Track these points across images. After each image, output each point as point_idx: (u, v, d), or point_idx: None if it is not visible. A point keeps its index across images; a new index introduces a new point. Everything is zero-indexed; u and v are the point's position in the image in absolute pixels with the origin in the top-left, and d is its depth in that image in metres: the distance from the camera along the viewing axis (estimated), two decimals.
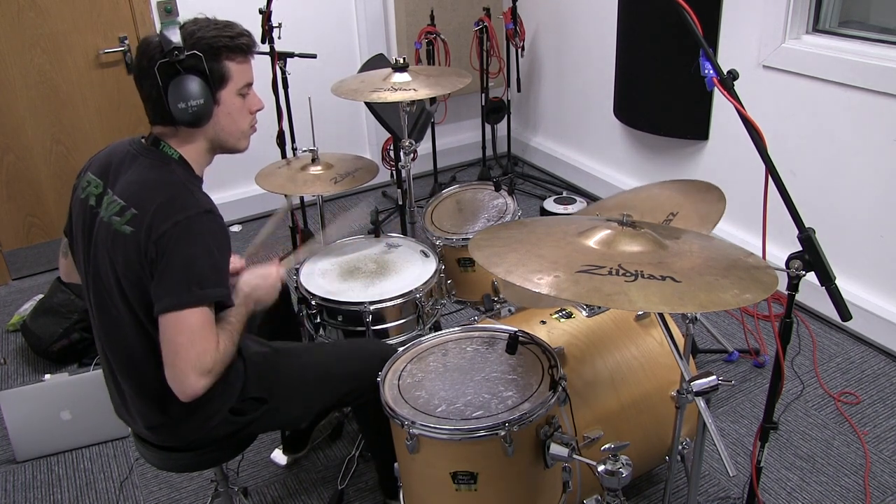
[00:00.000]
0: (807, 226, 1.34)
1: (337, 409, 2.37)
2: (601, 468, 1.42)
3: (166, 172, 1.52)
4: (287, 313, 2.16)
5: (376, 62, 3.29)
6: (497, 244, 1.44)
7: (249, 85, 1.60)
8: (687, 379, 1.42)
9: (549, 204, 3.90)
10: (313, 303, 2.08)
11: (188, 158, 1.57)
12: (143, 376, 1.57)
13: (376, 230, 2.39)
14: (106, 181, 1.56)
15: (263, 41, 2.93)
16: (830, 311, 1.77)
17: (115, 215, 1.49)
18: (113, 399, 1.72)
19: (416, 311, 2.10)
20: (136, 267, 1.46)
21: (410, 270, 2.19)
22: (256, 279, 1.71)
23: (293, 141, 3.23)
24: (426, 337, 1.82)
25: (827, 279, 1.34)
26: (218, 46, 1.50)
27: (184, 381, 1.42)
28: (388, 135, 3.80)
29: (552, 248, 1.39)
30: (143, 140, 1.59)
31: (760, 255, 1.46)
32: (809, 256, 1.34)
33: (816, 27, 2.85)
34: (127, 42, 3.48)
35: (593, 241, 1.39)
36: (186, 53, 1.45)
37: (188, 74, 1.47)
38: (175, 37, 1.46)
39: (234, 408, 1.65)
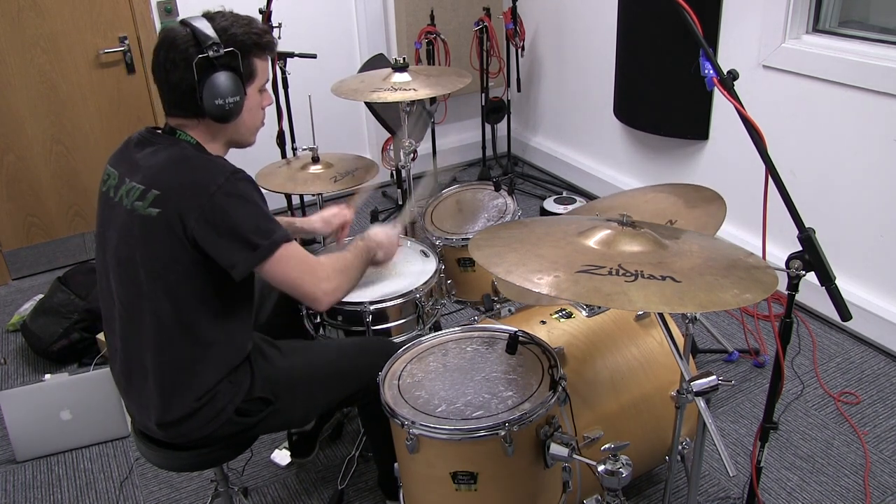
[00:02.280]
0: (807, 226, 1.34)
1: (342, 408, 2.37)
2: (601, 468, 1.42)
3: (178, 150, 1.53)
4: (294, 309, 2.16)
5: (376, 62, 3.29)
6: (497, 244, 1.44)
7: (267, 81, 1.63)
8: (687, 379, 1.42)
9: (549, 204, 3.90)
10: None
11: (206, 148, 1.58)
12: (167, 366, 1.57)
13: None
14: (120, 170, 1.57)
15: None
16: (830, 311, 1.77)
17: (136, 201, 1.49)
18: (123, 393, 1.71)
19: (416, 311, 2.10)
20: (169, 249, 1.47)
21: (410, 270, 2.19)
22: (382, 235, 1.87)
23: (293, 140, 3.23)
24: (426, 337, 1.82)
25: (827, 279, 1.34)
26: (249, 44, 1.53)
27: (317, 297, 1.57)
28: (388, 134, 3.80)
29: (552, 248, 1.39)
30: (156, 129, 1.61)
31: (760, 254, 1.47)
32: (809, 256, 1.34)
33: (816, 27, 2.85)
34: (127, 42, 3.49)
35: (593, 241, 1.39)
36: (224, 50, 1.47)
37: (225, 71, 1.49)
38: (209, 30, 1.47)
39: (239, 408, 1.64)
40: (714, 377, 1.41)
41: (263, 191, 2.40)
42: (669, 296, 1.20)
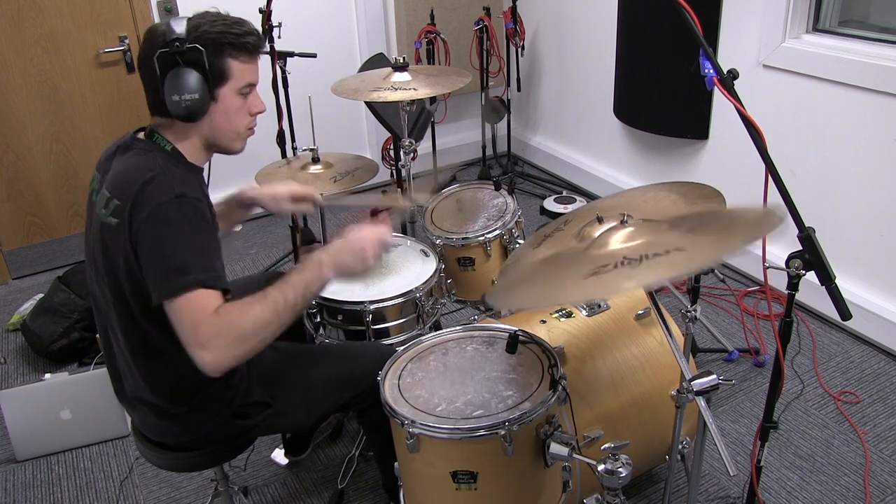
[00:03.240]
0: (807, 225, 1.34)
1: (339, 412, 2.37)
2: (601, 467, 1.42)
3: (147, 158, 1.49)
4: None
5: (376, 61, 3.28)
6: (513, 288, 1.48)
7: (252, 85, 1.57)
8: (687, 378, 1.42)
9: (549, 203, 3.90)
10: (313, 302, 2.07)
11: (183, 152, 1.55)
12: (131, 369, 1.58)
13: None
14: (101, 175, 1.56)
15: (263, 40, 2.93)
16: (830, 311, 1.76)
17: (103, 208, 1.48)
18: (116, 389, 1.71)
19: (416, 310, 2.10)
20: (125, 258, 1.44)
21: (410, 270, 2.19)
22: (343, 242, 1.55)
23: (293, 140, 3.23)
24: (426, 336, 1.81)
25: (827, 278, 1.34)
26: (222, 43, 1.48)
27: (194, 358, 1.39)
28: (389, 134, 3.80)
29: (559, 268, 1.39)
30: (139, 132, 1.58)
31: (760, 254, 1.47)
32: (809, 256, 1.34)
33: (816, 27, 2.85)
34: (127, 41, 3.48)
35: (600, 247, 1.39)
36: (187, 46, 1.44)
37: (186, 67, 1.45)
38: (180, 28, 1.45)
39: (237, 411, 1.65)
40: (714, 376, 1.41)
41: None
42: (675, 262, 1.20)
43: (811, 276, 1.36)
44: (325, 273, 1.51)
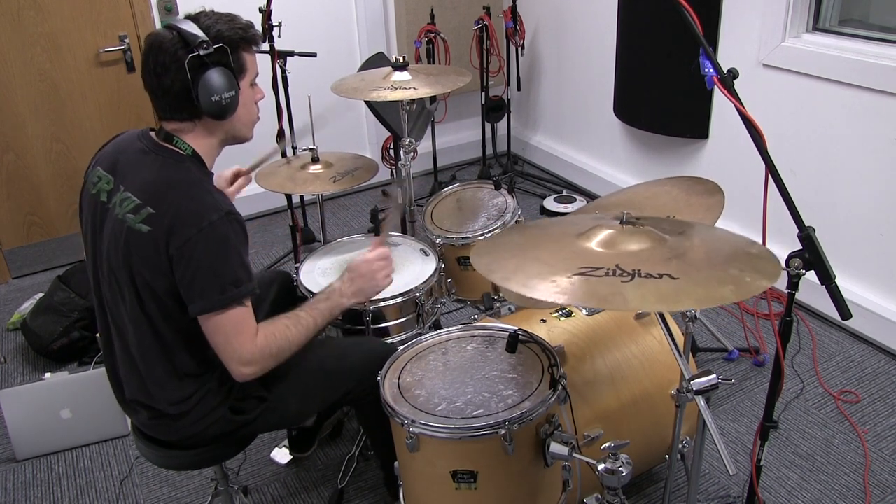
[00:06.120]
0: (807, 224, 1.34)
1: (337, 407, 2.37)
2: (601, 467, 1.42)
3: (182, 171, 1.53)
4: (292, 307, 2.16)
5: (376, 61, 3.28)
6: (497, 251, 1.44)
7: (257, 75, 1.64)
8: (687, 377, 1.42)
9: (549, 202, 3.91)
10: None
11: (201, 153, 1.58)
12: (138, 370, 1.59)
13: (376, 229, 2.39)
14: (116, 177, 1.56)
15: (264, 40, 2.93)
16: (830, 310, 1.77)
17: (129, 213, 1.49)
18: (115, 391, 1.72)
19: (416, 309, 2.10)
20: (153, 264, 1.47)
21: (410, 269, 2.19)
22: (353, 271, 1.77)
23: (293, 139, 3.22)
24: (426, 336, 1.81)
25: (827, 278, 1.34)
26: (236, 39, 1.53)
27: (231, 370, 1.54)
28: (389, 133, 3.80)
29: (551, 252, 1.38)
30: (151, 133, 1.60)
31: None
32: (809, 255, 1.34)
33: (816, 26, 2.85)
34: (127, 41, 3.48)
35: (592, 242, 1.39)
36: (214, 47, 1.48)
37: (217, 67, 1.49)
38: (195, 30, 1.48)
39: (234, 406, 1.65)
40: (714, 376, 1.41)
41: (263, 191, 2.43)
42: (666, 294, 1.19)
43: (811, 276, 1.36)
44: (344, 302, 1.74)
